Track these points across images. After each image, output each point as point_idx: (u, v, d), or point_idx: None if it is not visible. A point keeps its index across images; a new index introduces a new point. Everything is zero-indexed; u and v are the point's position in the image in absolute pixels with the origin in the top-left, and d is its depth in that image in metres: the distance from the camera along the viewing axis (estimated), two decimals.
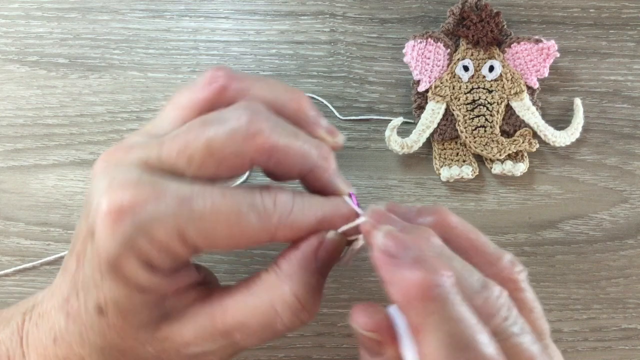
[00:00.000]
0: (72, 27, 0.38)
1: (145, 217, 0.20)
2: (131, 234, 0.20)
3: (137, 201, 0.20)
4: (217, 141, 0.21)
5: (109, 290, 0.21)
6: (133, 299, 0.21)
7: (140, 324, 0.22)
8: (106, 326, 0.22)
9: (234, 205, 0.21)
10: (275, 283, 0.22)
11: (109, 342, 0.22)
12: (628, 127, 0.37)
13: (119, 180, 0.21)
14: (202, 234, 0.21)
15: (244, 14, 0.38)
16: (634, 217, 0.36)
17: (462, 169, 0.36)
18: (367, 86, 0.37)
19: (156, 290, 0.22)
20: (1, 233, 0.36)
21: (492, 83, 0.36)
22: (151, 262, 0.21)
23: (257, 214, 0.21)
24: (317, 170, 0.24)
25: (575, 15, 0.38)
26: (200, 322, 0.23)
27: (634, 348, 0.35)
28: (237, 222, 0.21)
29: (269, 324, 0.22)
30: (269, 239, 0.22)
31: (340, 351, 0.35)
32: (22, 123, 0.37)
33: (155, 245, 0.20)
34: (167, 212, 0.20)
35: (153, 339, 0.22)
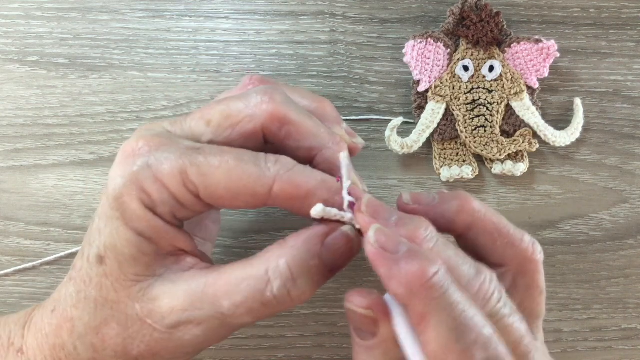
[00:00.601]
0: (72, 27, 0.38)
1: (154, 159, 0.22)
2: (138, 170, 0.22)
3: (150, 146, 0.22)
4: (233, 106, 0.23)
5: (110, 234, 0.22)
6: (132, 243, 0.22)
7: (135, 276, 0.22)
8: (104, 276, 0.22)
9: (237, 154, 0.22)
10: (275, 252, 0.22)
11: (104, 296, 0.23)
12: (628, 127, 0.37)
13: (140, 133, 0.23)
14: (202, 177, 0.21)
15: (244, 14, 0.38)
16: (634, 217, 0.36)
17: (462, 169, 0.36)
18: (367, 86, 0.37)
19: (154, 237, 0.22)
20: (1, 233, 0.36)
21: (492, 83, 0.36)
22: (152, 202, 0.22)
23: (257, 165, 0.22)
24: (328, 152, 0.24)
25: (575, 15, 0.38)
26: (193, 287, 0.22)
27: (634, 348, 0.36)
28: (236, 168, 0.22)
29: (258, 291, 0.22)
30: (267, 193, 0.22)
31: (340, 351, 0.35)
32: (22, 123, 0.37)
33: (158, 182, 0.22)
34: (174, 155, 0.22)
35: (144, 297, 0.22)
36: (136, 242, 0.22)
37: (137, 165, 0.22)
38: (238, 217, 0.36)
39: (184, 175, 0.22)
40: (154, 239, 0.22)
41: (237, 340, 0.35)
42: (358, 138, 0.27)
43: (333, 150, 0.24)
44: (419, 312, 0.19)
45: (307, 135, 0.24)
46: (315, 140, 0.24)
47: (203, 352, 0.35)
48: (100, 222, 0.23)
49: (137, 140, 0.22)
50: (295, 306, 0.23)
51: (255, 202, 0.22)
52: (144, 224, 0.22)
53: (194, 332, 0.23)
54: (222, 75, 0.37)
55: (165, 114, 0.37)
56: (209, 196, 0.22)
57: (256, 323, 0.35)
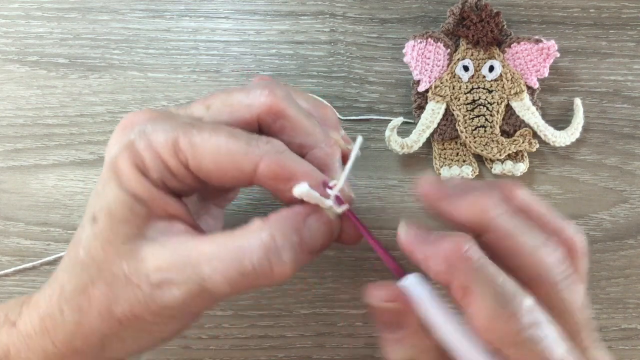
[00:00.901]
0: (72, 27, 0.38)
1: (150, 127, 0.23)
2: (133, 137, 0.23)
3: (148, 117, 0.23)
4: (234, 95, 0.25)
5: (106, 195, 0.23)
6: (124, 203, 0.23)
7: (125, 237, 0.23)
8: (93, 235, 0.23)
9: (230, 130, 0.23)
10: (258, 225, 0.23)
11: (91, 256, 0.23)
12: (628, 127, 0.37)
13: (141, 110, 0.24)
14: (192, 147, 0.22)
15: (244, 14, 0.38)
16: (634, 217, 0.36)
17: (462, 169, 0.36)
18: (367, 86, 0.37)
19: (146, 200, 0.23)
20: (1, 233, 0.36)
21: (492, 83, 0.36)
22: (145, 166, 0.23)
23: (248, 142, 0.23)
24: (319, 152, 0.25)
25: (575, 15, 0.38)
26: (179, 249, 0.23)
27: (634, 348, 0.36)
28: (226, 142, 0.22)
29: (237, 259, 0.22)
30: (253, 170, 0.23)
31: (340, 351, 0.35)
32: (22, 123, 0.37)
33: (151, 149, 0.23)
34: (170, 126, 0.23)
35: (132, 256, 0.23)
36: (129, 202, 0.23)
37: (133, 133, 0.23)
38: (238, 216, 0.36)
39: (176, 145, 0.22)
40: (146, 202, 0.23)
41: (237, 340, 0.35)
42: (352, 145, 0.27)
43: (325, 151, 0.25)
44: (462, 286, 0.20)
45: (300, 132, 0.25)
46: (308, 138, 0.25)
47: (202, 352, 0.35)
48: (98, 186, 0.24)
49: (136, 113, 0.24)
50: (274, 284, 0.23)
51: (242, 178, 0.23)
52: (136, 185, 0.23)
53: (174, 293, 0.22)
54: (222, 75, 0.37)
55: None
56: (197, 167, 0.23)
57: (256, 323, 0.35)
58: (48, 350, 0.24)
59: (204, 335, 0.35)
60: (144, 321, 0.23)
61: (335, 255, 0.35)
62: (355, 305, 0.35)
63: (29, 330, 0.24)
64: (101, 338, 0.23)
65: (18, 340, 0.24)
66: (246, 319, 0.35)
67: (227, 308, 0.35)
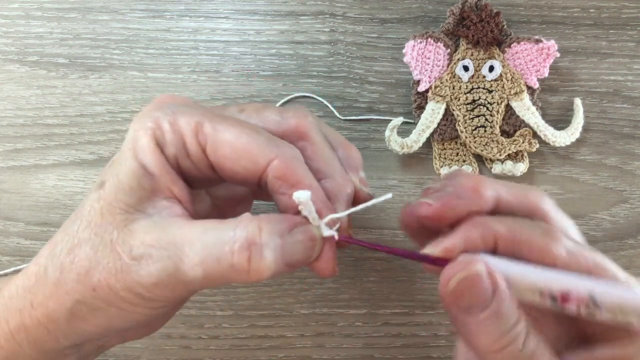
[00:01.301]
0: (72, 27, 0.38)
1: (177, 108, 0.24)
2: (160, 115, 0.23)
3: (178, 99, 0.24)
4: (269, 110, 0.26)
5: (119, 164, 0.23)
6: (133, 173, 0.23)
7: (126, 206, 0.23)
8: (96, 199, 0.23)
9: (253, 126, 0.24)
10: (247, 217, 0.23)
11: (90, 217, 0.23)
12: (628, 127, 0.37)
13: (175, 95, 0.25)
14: (214, 131, 0.23)
15: (244, 14, 0.38)
16: (634, 217, 0.36)
17: (462, 169, 0.36)
18: (367, 86, 0.37)
19: (155, 173, 0.23)
20: (1, 233, 0.36)
21: (492, 83, 0.36)
22: (163, 140, 0.23)
23: (268, 139, 0.23)
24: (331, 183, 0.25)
25: (575, 15, 0.38)
26: (168, 229, 0.23)
27: None
28: (247, 134, 0.23)
29: (220, 244, 0.22)
30: (265, 165, 0.23)
31: (340, 351, 0.35)
32: (22, 123, 0.37)
33: (174, 125, 0.23)
34: (197, 111, 0.23)
35: (125, 227, 0.23)
36: (138, 173, 0.23)
37: (162, 109, 0.24)
38: None
39: (199, 126, 0.23)
40: (155, 177, 0.23)
41: (237, 340, 0.35)
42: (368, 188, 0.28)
43: (337, 183, 0.26)
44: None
45: (319, 158, 0.25)
46: (325, 166, 0.25)
47: (202, 352, 0.35)
48: (115, 156, 0.24)
49: (171, 94, 0.25)
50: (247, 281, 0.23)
51: (253, 170, 0.23)
52: (150, 156, 0.23)
53: (149, 268, 0.22)
54: (222, 75, 0.37)
55: None
56: (214, 151, 0.23)
57: (256, 323, 0.35)
58: (24, 312, 0.24)
59: (204, 335, 0.35)
60: (116, 295, 0.23)
61: None
62: (355, 305, 0.35)
63: (12, 291, 0.24)
64: (74, 303, 0.23)
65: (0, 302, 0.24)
66: (246, 319, 0.35)
67: (227, 308, 0.35)
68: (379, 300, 0.35)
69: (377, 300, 0.35)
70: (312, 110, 0.36)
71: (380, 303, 0.35)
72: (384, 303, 0.35)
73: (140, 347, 0.35)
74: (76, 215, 0.24)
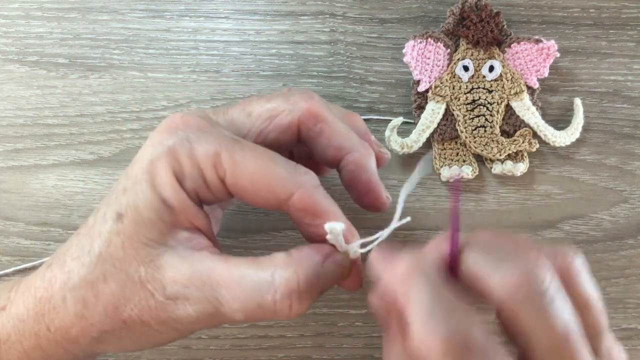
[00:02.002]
0: (72, 27, 0.38)
1: (193, 136, 0.23)
2: (176, 142, 0.23)
3: (192, 123, 0.23)
4: (274, 100, 0.25)
5: (136, 194, 0.23)
6: (154, 207, 0.23)
7: (148, 240, 0.23)
8: (116, 233, 0.23)
9: (271, 154, 0.23)
10: (283, 260, 0.23)
11: (110, 252, 0.23)
12: (628, 127, 0.37)
13: (182, 112, 0.24)
14: (233, 163, 0.22)
15: (244, 14, 0.38)
16: (634, 217, 0.36)
17: (462, 169, 0.36)
18: (367, 86, 0.37)
19: (176, 207, 0.23)
20: (1, 233, 0.36)
21: (492, 83, 0.36)
22: (182, 174, 0.23)
23: (287, 169, 0.23)
24: (356, 154, 0.26)
25: (575, 15, 0.38)
26: (199, 267, 0.23)
27: (634, 348, 0.35)
28: (267, 166, 0.23)
29: (259, 291, 0.22)
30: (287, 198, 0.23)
31: (340, 351, 0.35)
32: (22, 123, 0.37)
33: (192, 158, 0.23)
34: (213, 138, 0.23)
35: (150, 263, 0.23)
36: (158, 207, 0.23)
37: (177, 137, 0.23)
38: (238, 216, 0.36)
39: (217, 158, 0.23)
40: (175, 209, 0.23)
41: (237, 340, 0.35)
42: (384, 148, 0.29)
43: (361, 154, 0.26)
44: None
45: (338, 135, 0.26)
46: (346, 141, 0.26)
47: (202, 352, 0.35)
48: (127, 182, 0.23)
49: (182, 116, 0.24)
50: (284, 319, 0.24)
51: (274, 202, 0.23)
52: (170, 191, 0.23)
53: (187, 309, 0.23)
54: (222, 75, 0.37)
55: (165, 114, 0.37)
56: (233, 184, 0.23)
57: (256, 323, 0.35)
58: (41, 335, 0.24)
59: (204, 335, 0.35)
60: (149, 327, 0.23)
61: None
62: (355, 305, 0.35)
63: (22, 313, 0.24)
64: (100, 333, 0.23)
65: (8, 323, 0.24)
66: None
67: None
68: None
69: None
70: None
71: None
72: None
73: None
74: (91, 246, 0.23)
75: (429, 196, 0.36)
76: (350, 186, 0.27)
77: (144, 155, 0.23)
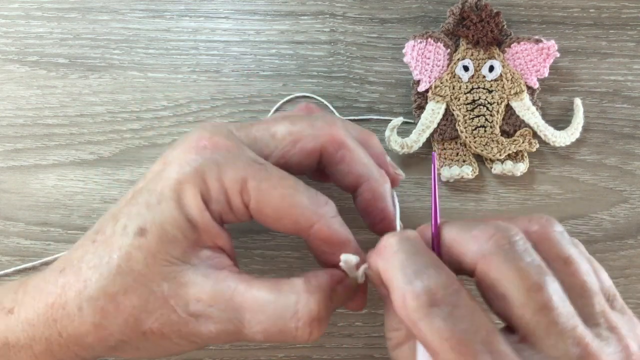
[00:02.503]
0: (72, 27, 0.38)
1: (222, 159, 0.23)
2: (205, 165, 0.23)
3: (220, 144, 0.24)
4: (299, 124, 0.26)
5: (161, 212, 0.23)
6: (179, 225, 0.23)
7: (171, 257, 0.23)
8: (138, 247, 0.23)
9: (295, 182, 0.24)
10: (304, 288, 0.23)
11: (130, 266, 0.23)
12: (628, 127, 0.37)
13: (212, 130, 0.25)
14: (259, 191, 0.23)
15: (244, 14, 0.38)
16: (634, 217, 0.36)
17: (462, 169, 0.36)
18: (367, 86, 0.37)
19: (200, 227, 0.23)
20: (1, 233, 0.36)
21: (492, 83, 0.36)
22: (209, 197, 0.23)
23: (310, 199, 0.24)
24: (374, 183, 0.27)
25: (575, 15, 0.38)
26: (222, 287, 0.23)
27: None
28: (291, 195, 0.23)
29: (282, 318, 0.23)
30: (308, 227, 0.24)
31: (340, 351, 0.35)
32: (22, 123, 0.37)
33: (220, 182, 0.23)
34: (241, 163, 0.23)
35: (174, 279, 0.23)
36: (183, 225, 0.23)
37: (205, 159, 0.23)
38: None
39: (244, 184, 0.23)
40: (199, 229, 0.23)
41: None
42: (399, 170, 0.30)
43: (379, 182, 0.27)
44: None
45: (358, 162, 0.26)
46: (365, 168, 0.27)
47: (202, 352, 0.35)
48: (151, 197, 0.23)
49: (211, 137, 0.24)
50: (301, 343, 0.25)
51: (294, 230, 0.24)
52: (196, 212, 0.23)
53: (209, 327, 0.23)
54: (222, 75, 0.37)
55: (165, 114, 0.37)
56: (257, 210, 0.24)
57: None
58: (52, 340, 0.24)
59: None
60: (169, 340, 0.24)
61: None
62: None
63: (32, 318, 0.24)
64: (118, 342, 0.24)
65: (17, 327, 0.24)
66: None
67: None
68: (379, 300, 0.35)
69: (377, 300, 0.35)
70: None
71: (380, 303, 0.35)
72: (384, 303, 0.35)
73: None
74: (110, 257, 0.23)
75: (428, 196, 0.36)
76: (365, 213, 0.28)
77: (170, 174, 0.24)
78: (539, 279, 0.20)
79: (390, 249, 0.21)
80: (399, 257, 0.21)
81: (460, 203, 0.36)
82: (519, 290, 0.20)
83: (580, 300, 0.21)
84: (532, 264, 0.20)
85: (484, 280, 0.21)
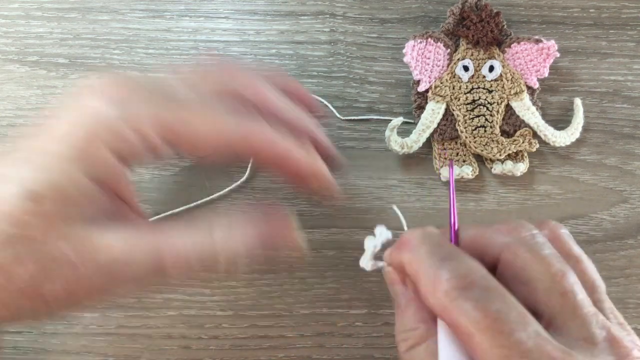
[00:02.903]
0: (72, 27, 0.38)
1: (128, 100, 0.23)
2: (117, 116, 0.22)
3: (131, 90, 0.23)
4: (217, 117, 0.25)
5: (60, 172, 0.21)
6: (81, 187, 0.21)
7: (71, 217, 0.21)
8: (32, 213, 0.20)
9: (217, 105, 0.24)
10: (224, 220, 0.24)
11: (25, 233, 0.20)
12: (628, 127, 0.37)
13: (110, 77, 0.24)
14: (180, 121, 0.23)
15: (244, 14, 0.38)
16: (634, 217, 0.36)
17: (462, 169, 0.36)
18: (367, 86, 0.37)
19: (108, 183, 0.22)
20: None
21: (492, 83, 0.36)
22: (118, 147, 0.22)
23: (235, 116, 0.24)
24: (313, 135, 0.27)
25: (575, 15, 0.38)
26: (134, 235, 0.22)
27: None
28: (213, 116, 0.24)
29: (201, 245, 0.23)
30: (240, 140, 0.24)
31: (340, 351, 0.35)
32: (22, 123, 0.37)
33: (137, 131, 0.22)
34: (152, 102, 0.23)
35: (72, 235, 0.21)
36: (86, 187, 0.22)
37: (115, 109, 0.22)
38: None
39: (161, 120, 0.23)
40: (105, 185, 0.22)
41: (237, 340, 0.35)
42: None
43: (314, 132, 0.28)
44: None
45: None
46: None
47: (202, 352, 0.35)
48: (46, 157, 0.21)
49: (113, 76, 0.24)
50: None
51: (226, 147, 0.24)
52: (104, 170, 0.22)
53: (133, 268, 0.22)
54: None
55: None
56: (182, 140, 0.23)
57: (256, 323, 0.35)
58: None
59: (204, 335, 0.35)
60: (76, 296, 0.22)
61: (336, 255, 0.35)
62: (355, 305, 0.35)
63: None
64: (18, 310, 0.22)
65: None
66: (246, 319, 0.35)
67: (227, 308, 0.35)
68: (379, 300, 0.35)
69: (377, 300, 0.35)
70: None
71: (380, 303, 0.35)
72: (384, 303, 0.35)
73: (140, 347, 0.35)
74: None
75: (428, 196, 0.36)
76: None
77: (68, 128, 0.21)
78: (562, 267, 0.21)
79: (415, 241, 0.22)
80: (425, 247, 0.22)
81: (460, 203, 0.36)
82: (545, 276, 0.21)
83: (592, 296, 0.21)
84: (554, 254, 0.22)
85: (509, 268, 0.22)
